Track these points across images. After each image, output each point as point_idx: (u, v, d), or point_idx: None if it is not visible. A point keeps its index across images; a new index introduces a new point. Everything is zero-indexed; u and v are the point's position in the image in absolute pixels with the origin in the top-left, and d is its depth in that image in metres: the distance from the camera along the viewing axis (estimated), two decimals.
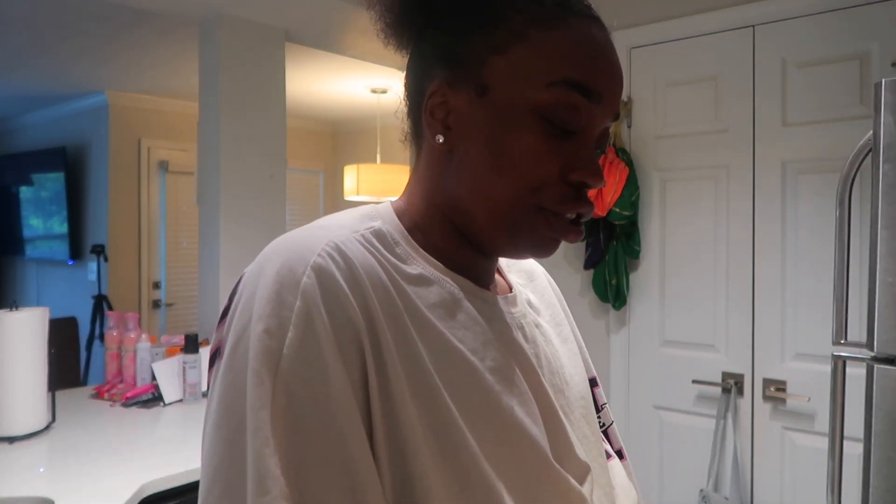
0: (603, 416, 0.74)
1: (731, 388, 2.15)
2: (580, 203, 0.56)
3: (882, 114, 1.28)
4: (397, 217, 0.60)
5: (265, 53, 2.63)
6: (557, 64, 0.54)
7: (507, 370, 0.57)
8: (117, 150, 4.52)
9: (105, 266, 4.40)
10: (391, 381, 0.49)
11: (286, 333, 0.47)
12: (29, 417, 1.77)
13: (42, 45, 3.43)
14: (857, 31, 1.96)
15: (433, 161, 0.60)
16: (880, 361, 1.28)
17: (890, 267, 1.26)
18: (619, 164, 2.28)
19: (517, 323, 0.62)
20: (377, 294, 0.51)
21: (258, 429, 0.46)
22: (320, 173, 5.82)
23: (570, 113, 0.54)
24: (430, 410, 0.50)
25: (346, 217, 0.58)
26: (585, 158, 0.55)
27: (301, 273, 0.49)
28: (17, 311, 1.79)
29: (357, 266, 0.51)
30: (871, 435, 1.27)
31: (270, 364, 0.47)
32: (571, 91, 0.54)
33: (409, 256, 0.57)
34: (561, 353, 0.68)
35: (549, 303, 0.73)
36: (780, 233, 2.09)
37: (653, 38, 2.33)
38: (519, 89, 0.54)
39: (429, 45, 0.59)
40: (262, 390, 0.47)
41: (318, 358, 0.47)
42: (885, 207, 1.27)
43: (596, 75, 0.55)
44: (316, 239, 0.52)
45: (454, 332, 0.55)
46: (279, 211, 2.67)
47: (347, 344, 0.48)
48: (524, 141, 0.54)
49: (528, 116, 0.54)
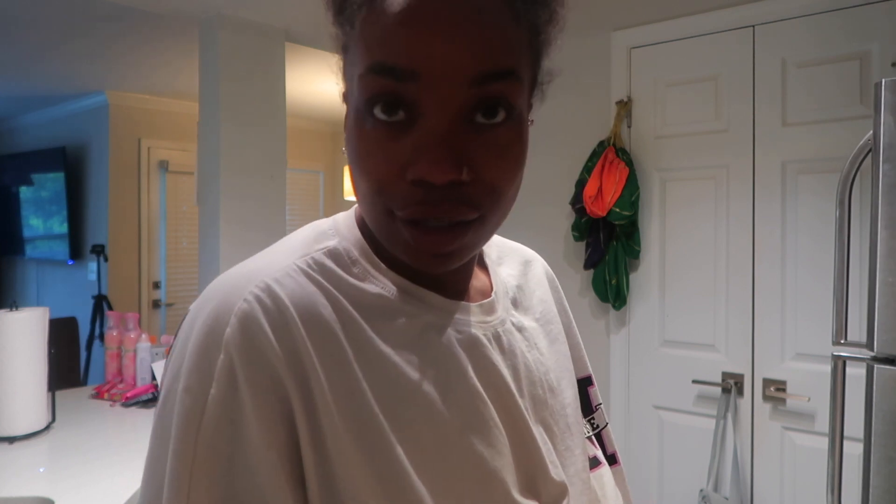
0: (597, 418, 0.71)
1: (731, 388, 2.15)
2: (427, 206, 0.46)
3: (882, 114, 1.28)
4: (359, 228, 0.56)
5: (265, 53, 2.63)
6: (368, 49, 0.46)
7: (471, 397, 0.53)
8: (117, 150, 4.52)
9: (105, 266, 4.40)
10: (325, 431, 0.46)
11: (208, 391, 0.45)
12: (29, 417, 1.77)
13: (42, 45, 3.43)
14: (857, 31, 1.96)
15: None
16: (880, 361, 1.28)
17: (890, 267, 1.27)
18: (619, 163, 2.28)
19: (492, 333, 0.57)
20: (313, 335, 0.47)
21: (172, 497, 0.44)
22: (320, 173, 5.82)
23: (386, 101, 0.46)
24: (374, 456, 0.47)
25: (298, 239, 0.54)
26: (419, 149, 0.46)
27: (225, 322, 0.46)
28: (17, 311, 1.79)
29: (289, 306, 0.47)
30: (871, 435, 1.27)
31: (191, 427, 0.45)
32: (376, 76, 0.45)
33: (367, 275, 0.52)
34: (548, 357, 0.63)
35: (540, 298, 0.68)
36: (780, 233, 2.09)
37: (653, 38, 2.33)
38: (349, 88, 0.49)
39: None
40: (179, 455, 0.45)
41: (240, 416, 0.45)
42: (885, 207, 1.27)
43: (405, 49, 0.45)
44: (247, 279, 0.48)
45: (411, 359, 0.51)
46: (279, 211, 2.67)
47: (271, 398, 0.45)
48: (356, 143, 0.48)
49: (358, 114, 0.48)
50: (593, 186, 2.28)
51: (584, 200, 2.29)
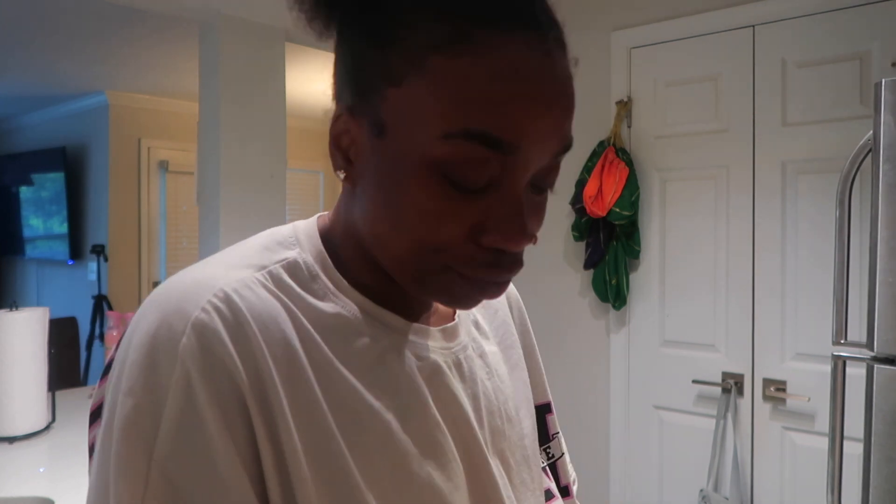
0: (553, 448, 0.68)
1: (731, 388, 2.15)
2: (497, 269, 0.46)
3: (882, 114, 1.28)
4: (323, 240, 0.53)
5: (265, 53, 2.63)
6: (457, 107, 0.42)
7: (429, 426, 0.51)
8: (117, 150, 4.52)
9: (105, 266, 4.40)
10: (285, 450, 0.43)
11: (162, 409, 0.41)
12: (29, 417, 1.77)
13: (42, 45, 3.43)
14: (857, 31, 1.96)
15: (346, 190, 0.52)
16: (880, 361, 1.28)
17: (890, 267, 1.27)
18: (619, 164, 2.28)
19: (454, 360, 0.55)
20: (273, 351, 0.44)
21: None
22: (320, 173, 5.82)
23: (475, 169, 0.44)
24: (331, 480, 0.45)
25: (256, 247, 0.51)
26: (503, 217, 0.45)
27: (180, 332, 0.42)
28: (17, 311, 1.79)
29: (249, 319, 0.44)
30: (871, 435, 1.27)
31: (143, 449, 0.41)
32: (474, 144, 0.43)
33: (326, 293, 0.50)
34: (507, 384, 0.61)
35: (501, 321, 0.66)
36: (780, 232, 2.09)
37: (653, 38, 2.33)
38: (412, 137, 0.44)
39: (340, 55, 0.49)
40: (129, 481, 0.40)
41: (200, 437, 0.41)
42: (885, 207, 1.27)
43: (511, 120, 0.43)
44: (203, 287, 0.45)
45: (371, 383, 0.49)
46: (279, 211, 2.67)
47: (233, 414, 0.42)
48: (419, 199, 0.45)
49: (425, 170, 0.44)
50: (593, 186, 2.28)
51: (584, 200, 2.30)
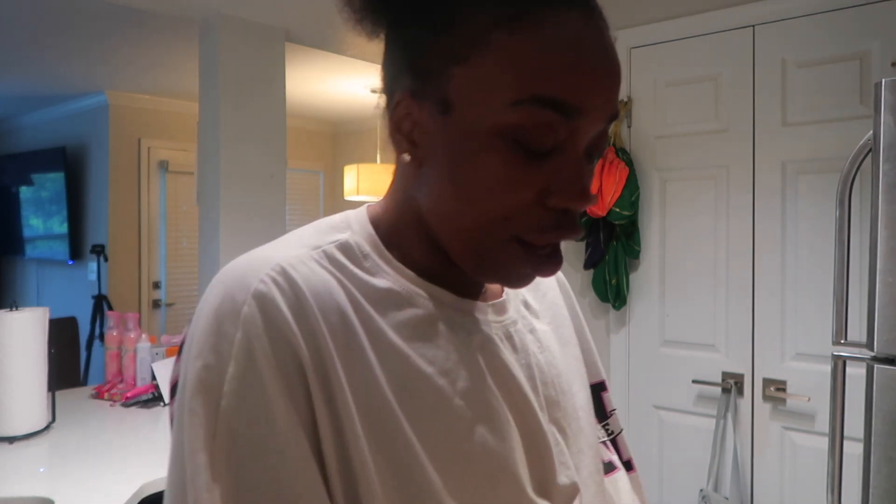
0: (612, 424, 0.70)
1: (731, 388, 2.15)
2: (563, 230, 0.49)
3: (882, 114, 1.28)
4: (372, 225, 0.56)
5: (265, 53, 2.63)
6: (523, 77, 0.46)
7: (483, 392, 0.53)
8: (117, 150, 4.52)
9: (105, 266, 4.40)
10: (341, 413, 0.46)
11: (226, 368, 0.45)
12: (29, 417, 1.77)
13: (42, 44, 3.43)
14: (857, 31, 1.96)
15: (405, 173, 0.55)
16: (880, 361, 1.28)
17: (890, 267, 1.27)
18: (619, 164, 2.28)
19: (504, 332, 0.57)
20: (328, 319, 0.48)
21: (195, 475, 0.44)
22: (320, 173, 5.82)
23: (543, 132, 0.47)
24: (386, 443, 0.47)
25: (310, 231, 0.55)
26: (567, 179, 0.48)
27: (242, 302, 0.46)
28: (17, 311, 1.79)
29: (304, 290, 0.48)
30: (871, 435, 1.27)
31: (210, 403, 0.45)
32: (542, 109, 0.46)
33: (378, 270, 0.53)
34: (560, 360, 0.63)
35: (551, 302, 0.68)
36: (780, 232, 2.09)
37: (653, 38, 2.33)
38: (482, 109, 0.47)
39: (396, 45, 0.52)
40: (199, 432, 0.45)
41: (261, 394, 0.45)
42: (885, 207, 1.27)
43: (574, 86, 0.46)
44: (261, 263, 0.49)
45: (423, 352, 0.51)
46: (279, 211, 2.67)
47: (292, 376, 0.45)
48: (490, 168, 0.48)
49: (494, 139, 0.47)
50: (593, 186, 2.28)
51: None
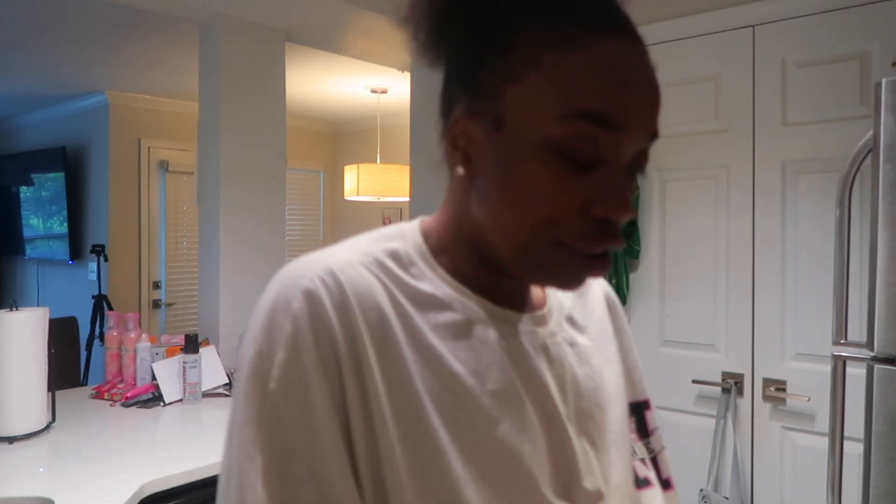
0: (653, 442, 0.72)
1: (731, 388, 2.15)
2: (603, 238, 0.53)
3: (882, 114, 1.28)
4: (423, 237, 0.61)
5: (265, 53, 2.63)
6: (570, 93, 0.51)
7: (511, 394, 0.56)
8: (117, 150, 4.52)
9: (105, 266, 4.40)
10: (371, 400, 0.51)
11: (275, 355, 0.51)
12: (29, 417, 1.77)
13: (42, 45, 3.43)
14: (857, 31, 1.96)
15: (458, 187, 0.60)
16: (880, 361, 1.28)
17: (890, 267, 1.27)
18: None
19: (541, 343, 0.61)
20: (367, 316, 0.53)
21: (242, 444, 0.51)
22: (320, 173, 5.82)
23: (587, 145, 0.51)
24: (413, 433, 0.52)
25: (364, 239, 0.60)
26: (608, 190, 0.52)
27: (293, 298, 0.53)
28: (17, 311, 1.79)
29: (348, 290, 0.53)
30: (871, 435, 1.27)
31: (259, 384, 0.51)
32: (586, 123, 0.51)
33: (423, 276, 0.58)
34: (598, 375, 0.66)
35: (597, 320, 0.71)
36: (780, 232, 2.09)
37: (652, 38, 2.33)
38: (532, 123, 0.52)
39: (454, 70, 0.58)
40: (249, 408, 0.51)
41: (302, 379, 0.51)
42: (885, 207, 1.27)
43: (616, 102, 0.51)
44: (314, 265, 0.55)
45: (457, 353, 0.55)
46: (279, 211, 2.67)
47: (330, 365, 0.51)
48: (538, 177, 0.52)
49: (543, 151, 0.52)
50: None
51: None
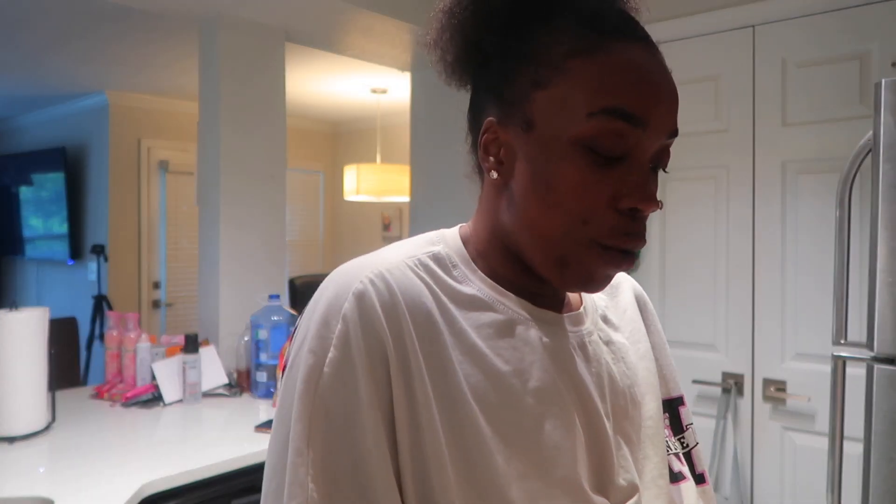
0: (687, 437, 0.75)
1: (731, 388, 2.15)
2: (632, 234, 0.56)
3: (882, 114, 1.28)
4: (462, 241, 0.64)
5: (265, 53, 2.63)
6: (596, 93, 0.55)
7: (553, 392, 0.58)
8: (117, 150, 4.52)
9: (105, 266, 4.40)
10: (418, 399, 0.53)
11: (327, 354, 0.54)
12: (29, 417, 1.77)
13: (42, 45, 3.43)
14: (857, 31, 1.95)
15: (491, 194, 0.63)
16: (880, 361, 1.28)
17: (890, 267, 1.27)
18: None
19: (578, 342, 0.63)
20: (415, 317, 0.55)
21: (293, 439, 0.53)
22: (320, 173, 5.82)
23: (614, 140, 0.55)
24: (458, 428, 0.54)
25: (410, 243, 0.63)
26: (634, 183, 0.56)
27: (344, 299, 0.55)
28: (17, 311, 1.79)
29: (397, 292, 0.56)
30: (871, 435, 1.27)
31: (312, 381, 0.53)
32: (612, 118, 0.54)
33: (465, 279, 0.61)
34: (633, 372, 0.68)
35: (630, 319, 0.74)
36: (780, 232, 2.09)
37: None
38: (561, 123, 0.56)
39: (482, 83, 0.62)
40: (301, 404, 0.53)
41: (352, 377, 0.53)
42: (885, 207, 1.27)
43: (638, 99, 0.55)
44: (364, 267, 0.57)
45: (500, 352, 0.57)
46: (279, 211, 2.67)
47: (378, 364, 0.53)
48: (568, 174, 0.55)
49: (572, 149, 0.55)
50: None
51: None
